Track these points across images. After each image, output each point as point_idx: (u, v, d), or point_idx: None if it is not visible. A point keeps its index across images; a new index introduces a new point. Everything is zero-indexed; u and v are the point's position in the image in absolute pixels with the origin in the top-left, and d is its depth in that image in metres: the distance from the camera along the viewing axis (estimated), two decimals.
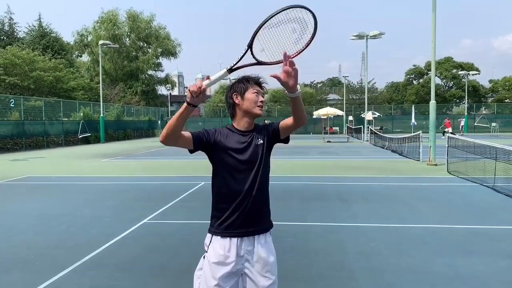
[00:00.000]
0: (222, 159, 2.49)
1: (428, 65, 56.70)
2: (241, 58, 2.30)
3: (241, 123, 2.56)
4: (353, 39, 32.64)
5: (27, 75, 35.02)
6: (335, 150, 23.10)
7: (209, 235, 2.56)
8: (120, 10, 55.68)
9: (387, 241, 5.74)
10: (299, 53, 2.31)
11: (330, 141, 31.44)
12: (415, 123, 35.57)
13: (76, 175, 13.21)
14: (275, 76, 2.24)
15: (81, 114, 33.18)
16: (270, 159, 2.63)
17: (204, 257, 2.53)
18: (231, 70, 2.30)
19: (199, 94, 2.16)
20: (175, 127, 2.27)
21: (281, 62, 2.25)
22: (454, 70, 57.69)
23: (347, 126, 43.39)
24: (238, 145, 2.49)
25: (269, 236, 2.60)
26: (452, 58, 60.05)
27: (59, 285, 4.34)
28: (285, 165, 15.07)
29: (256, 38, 2.31)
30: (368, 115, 34.61)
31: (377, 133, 27.54)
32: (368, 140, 29.97)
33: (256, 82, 2.53)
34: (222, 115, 56.33)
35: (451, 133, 26.66)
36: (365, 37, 31.84)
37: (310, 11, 2.25)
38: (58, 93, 38.33)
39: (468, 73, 50.38)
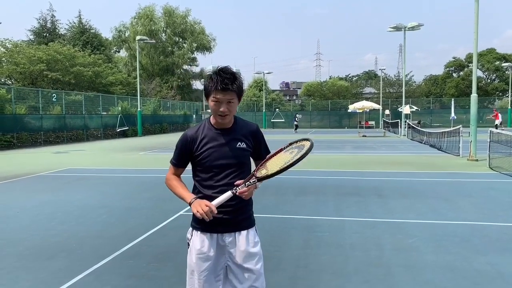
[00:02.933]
0: (201, 160, 2.49)
1: (469, 57, 54.80)
2: (245, 183, 2.36)
3: (215, 121, 2.53)
4: (390, 31, 31.88)
5: (68, 70, 36.18)
6: (371, 144, 22.71)
7: (190, 229, 2.59)
8: (156, 5, 56.80)
9: (425, 238, 5.61)
10: (282, 169, 2.35)
11: (366, 136, 30.94)
12: (455, 117, 34.43)
13: (114, 168, 13.58)
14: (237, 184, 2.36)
15: (119, 108, 34.03)
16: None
17: (188, 251, 2.56)
18: (235, 192, 2.34)
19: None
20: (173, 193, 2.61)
21: (277, 174, 2.33)
22: (497, 62, 55.39)
23: (384, 120, 42.54)
24: (215, 143, 2.47)
25: (252, 228, 2.58)
26: (495, 50, 57.71)
27: (100, 273, 4.49)
28: (321, 159, 14.95)
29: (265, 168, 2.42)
30: (406, 109, 33.77)
31: (415, 128, 26.87)
32: (405, 135, 29.30)
33: (216, 88, 2.38)
34: (256, 109, 56.41)
35: (496, 126, 25.53)
36: (402, 29, 31.02)
37: (311, 143, 2.37)
38: (97, 88, 39.45)
39: None
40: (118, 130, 32.32)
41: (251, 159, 2.64)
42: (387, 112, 44.71)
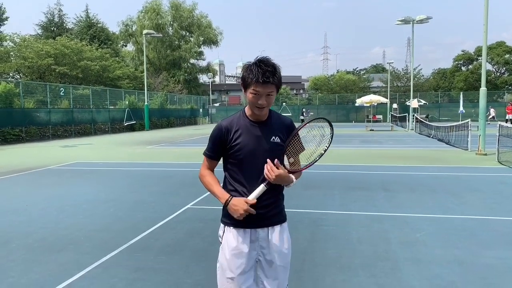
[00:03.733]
0: (235, 154, 2.44)
1: (478, 51, 54.18)
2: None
3: (250, 113, 2.48)
4: (398, 24, 31.62)
5: (75, 64, 36.35)
6: (378, 138, 22.61)
7: (222, 225, 2.55)
8: None
9: (433, 232, 5.59)
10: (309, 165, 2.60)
11: (373, 130, 30.80)
12: (463, 111, 34.19)
13: (122, 161, 13.65)
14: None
15: (127, 102, 34.16)
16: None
17: (220, 249, 2.53)
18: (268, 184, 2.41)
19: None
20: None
21: (307, 167, 2.53)
22: (507, 55, 54.77)
23: (391, 114, 42.31)
24: (250, 135, 2.43)
25: (285, 223, 2.58)
26: (505, 43, 56.92)
27: (108, 266, 4.52)
28: (328, 153, 14.90)
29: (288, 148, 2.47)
30: (414, 103, 33.59)
31: (423, 122, 26.71)
32: (413, 129, 29.14)
33: (257, 81, 2.30)
34: None
35: (506, 120, 25.21)
36: (411, 22, 30.75)
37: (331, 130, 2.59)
38: (105, 82, 39.62)
39: None
40: (125, 124, 32.46)
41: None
42: (394, 106, 44.49)
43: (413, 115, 30.18)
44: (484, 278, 4.09)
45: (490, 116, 36.97)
